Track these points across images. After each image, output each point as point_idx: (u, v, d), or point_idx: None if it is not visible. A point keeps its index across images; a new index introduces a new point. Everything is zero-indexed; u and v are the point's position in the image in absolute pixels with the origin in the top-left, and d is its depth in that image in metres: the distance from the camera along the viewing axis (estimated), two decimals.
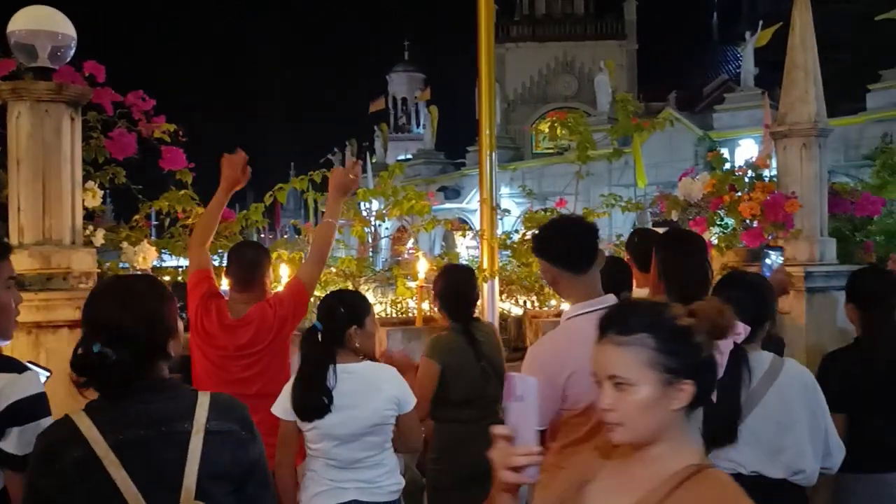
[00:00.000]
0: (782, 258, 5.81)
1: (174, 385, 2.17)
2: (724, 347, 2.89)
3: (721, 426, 2.99)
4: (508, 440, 1.74)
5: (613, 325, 1.83)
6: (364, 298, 3.80)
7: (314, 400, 3.42)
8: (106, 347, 2.01)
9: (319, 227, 4.32)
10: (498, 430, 1.76)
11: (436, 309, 4.61)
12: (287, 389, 3.53)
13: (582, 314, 3.14)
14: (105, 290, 2.21)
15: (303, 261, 4.35)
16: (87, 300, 2.15)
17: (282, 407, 3.50)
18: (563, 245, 3.24)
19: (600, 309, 3.18)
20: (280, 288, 4.67)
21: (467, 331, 4.30)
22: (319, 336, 3.48)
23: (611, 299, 3.17)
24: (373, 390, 3.49)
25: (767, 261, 5.67)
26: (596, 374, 1.82)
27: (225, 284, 4.35)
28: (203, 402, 2.10)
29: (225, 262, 4.49)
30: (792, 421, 3.06)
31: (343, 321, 3.52)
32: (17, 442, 2.32)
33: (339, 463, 3.48)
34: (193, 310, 4.00)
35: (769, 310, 3.38)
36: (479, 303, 4.80)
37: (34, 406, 2.38)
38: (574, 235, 3.27)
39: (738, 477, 3.03)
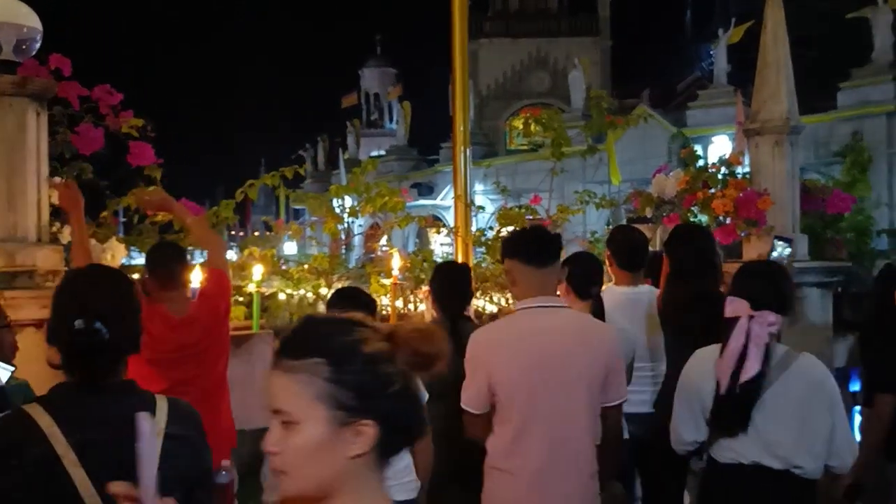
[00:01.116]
0: (789, 249, 5.81)
1: (134, 386, 2.15)
2: (759, 339, 2.93)
3: (735, 414, 3.05)
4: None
5: (287, 345, 1.47)
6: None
7: None
8: (103, 326, 1.99)
9: (192, 225, 4.33)
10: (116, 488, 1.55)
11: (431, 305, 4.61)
12: None
13: (527, 308, 3.27)
14: (96, 272, 2.24)
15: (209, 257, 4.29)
16: (75, 280, 2.16)
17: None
18: (523, 239, 3.45)
19: (548, 307, 3.25)
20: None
21: (451, 326, 4.25)
22: None
23: (561, 303, 3.32)
24: None
25: (775, 253, 5.68)
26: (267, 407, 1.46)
27: None
28: (162, 406, 2.09)
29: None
30: (790, 416, 3.03)
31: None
32: None
33: None
34: None
35: (791, 300, 3.34)
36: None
37: None
38: (538, 234, 3.48)
39: (738, 468, 3.07)
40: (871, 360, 4.31)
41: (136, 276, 5.12)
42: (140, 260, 5.70)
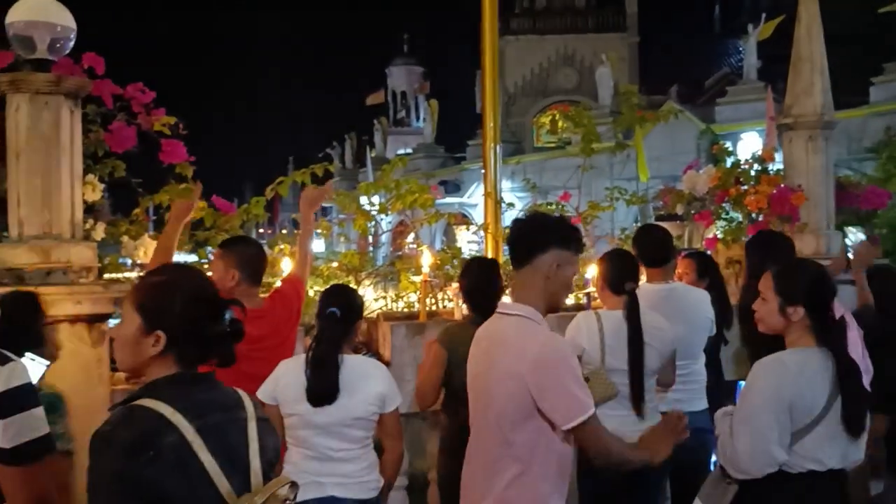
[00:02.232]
0: (862, 233, 5.75)
1: (213, 377, 2.21)
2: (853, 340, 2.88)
3: (863, 417, 3.02)
4: None
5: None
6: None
7: (329, 385, 3.44)
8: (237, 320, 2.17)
9: (302, 238, 4.48)
10: None
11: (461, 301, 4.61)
12: (276, 374, 3.57)
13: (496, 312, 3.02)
14: (193, 267, 2.43)
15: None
16: (193, 278, 2.23)
17: (267, 391, 3.52)
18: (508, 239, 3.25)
19: (499, 312, 2.96)
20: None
21: (482, 323, 4.23)
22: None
23: (528, 311, 2.88)
24: (360, 383, 3.51)
25: (849, 241, 5.59)
26: None
27: None
28: (245, 394, 2.20)
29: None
30: None
31: (358, 312, 3.68)
32: (2, 434, 2.29)
33: (317, 454, 3.48)
34: None
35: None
36: None
37: (20, 397, 2.35)
38: (513, 234, 3.11)
39: (814, 475, 2.96)
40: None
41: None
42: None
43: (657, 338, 4.02)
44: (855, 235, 5.68)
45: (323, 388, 3.44)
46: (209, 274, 4.37)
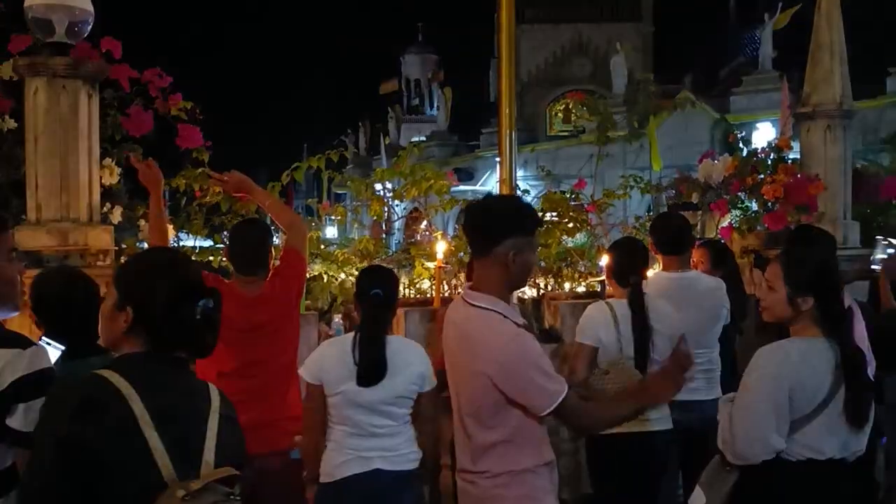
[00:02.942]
0: (892, 249, 5.68)
1: (188, 362, 2.22)
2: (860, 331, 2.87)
3: (868, 406, 3.01)
4: None
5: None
6: None
7: (379, 365, 3.51)
8: (215, 305, 2.15)
9: (272, 206, 4.26)
10: None
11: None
12: (318, 354, 3.63)
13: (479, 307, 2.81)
14: (182, 254, 2.35)
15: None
16: (173, 262, 2.20)
17: (311, 371, 3.58)
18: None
19: (474, 304, 2.77)
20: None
21: None
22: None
23: (491, 301, 2.77)
24: (402, 363, 3.58)
25: (878, 254, 5.47)
26: None
27: None
28: (213, 386, 2.17)
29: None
30: None
31: (397, 293, 3.82)
32: (23, 418, 2.30)
33: (361, 431, 3.56)
34: None
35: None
36: None
37: (40, 382, 2.35)
38: (471, 213, 2.95)
39: (812, 464, 2.95)
40: None
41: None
42: (187, 242, 5.75)
43: (666, 324, 4.02)
44: (883, 249, 5.58)
45: (373, 369, 3.51)
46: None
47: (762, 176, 6.41)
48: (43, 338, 3.00)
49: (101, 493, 1.89)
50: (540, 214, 7.18)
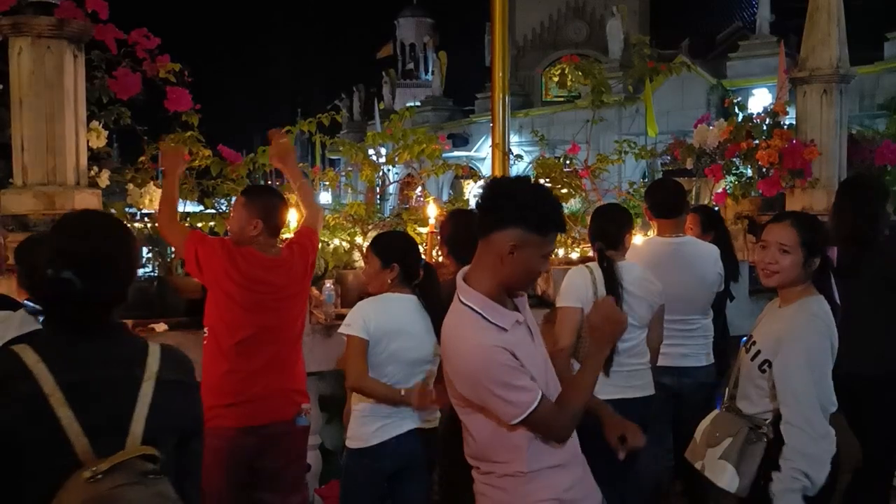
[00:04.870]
0: None
1: (128, 331, 2.12)
2: None
3: None
4: None
5: None
6: None
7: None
8: (76, 276, 1.92)
9: (300, 191, 4.34)
10: None
11: (441, 255, 4.51)
12: (358, 310, 3.65)
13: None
14: (82, 217, 2.12)
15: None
16: (59, 226, 2.04)
17: (360, 327, 3.60)
18: None
19: (462, 302, 2.55)
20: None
21: None
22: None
23: (478, 301, 2.56)
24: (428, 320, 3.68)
25: None
26: None
27: None
28: (154, 350, 2.03)
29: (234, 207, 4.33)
30: None
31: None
32: None
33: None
34: (219, 266, 3.75)
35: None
36: None
37: None
38: (486, 188, 2.67)
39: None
40: None
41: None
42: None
43: (646, 289, 4.00)
44: None
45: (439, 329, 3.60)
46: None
47: (757, 141, 6.36)
48: (26, 301, 2.98)
49: (15, 475, 1.82)
50: (534, 180, 7.17)
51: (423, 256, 4.02)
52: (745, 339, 3.33)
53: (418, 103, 32.39)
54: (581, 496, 2.64)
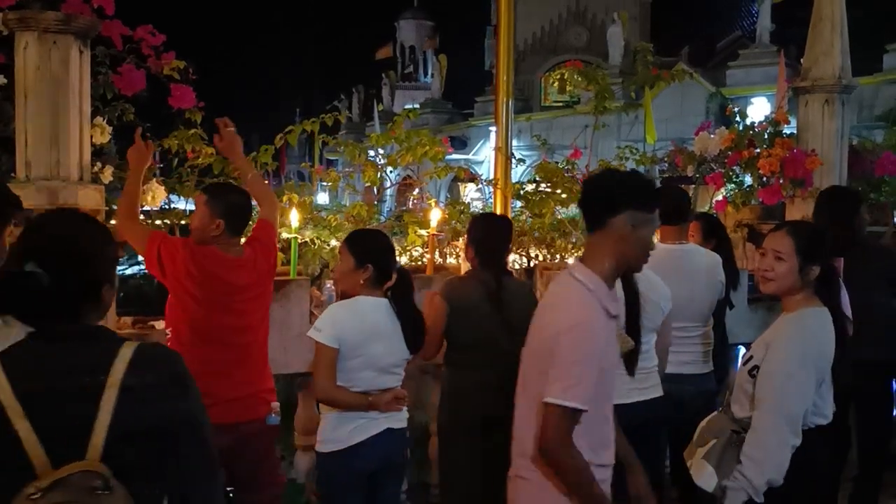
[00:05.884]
0: None
1: (99, 334, 2.02)
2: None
3: None
4: None
5: None
6: None
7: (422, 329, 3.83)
8: (40, 268, 1.87)
9: (253, 179, 4.32)
10: None
11: (466, 256, 4.56)
12: (334, 319, 3.62)
13: None
14: (58, 214, 2.13)
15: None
16: (33, 224, 2.01)
17: (328, 336, 3.58)
18: None
19: (575, 277, 2.70)
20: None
21: (495, 281, 4.19)
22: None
23: (589, 278, 2.71)
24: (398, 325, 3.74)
25: None
26: None
27: None
28: (124, 354, 1.92)
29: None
30: None
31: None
32: None
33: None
34: (181, 266, 3.70)
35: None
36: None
37: None
38: (589, 183, 2.96)
39: (819, 429, 3.09)
40: None
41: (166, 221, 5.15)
42: (179, 204, 5.69)
43: (657, 293, 4.01)
44: None
45: (419, 333, 3.77)
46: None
47: (758, 150, 6.38)
48: None
49: None
50: (534, 185, 7.19)
51: (398, 260, 4.11)
52: (740, 348, 3.41)
53: (417, 106, 32.44)
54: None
